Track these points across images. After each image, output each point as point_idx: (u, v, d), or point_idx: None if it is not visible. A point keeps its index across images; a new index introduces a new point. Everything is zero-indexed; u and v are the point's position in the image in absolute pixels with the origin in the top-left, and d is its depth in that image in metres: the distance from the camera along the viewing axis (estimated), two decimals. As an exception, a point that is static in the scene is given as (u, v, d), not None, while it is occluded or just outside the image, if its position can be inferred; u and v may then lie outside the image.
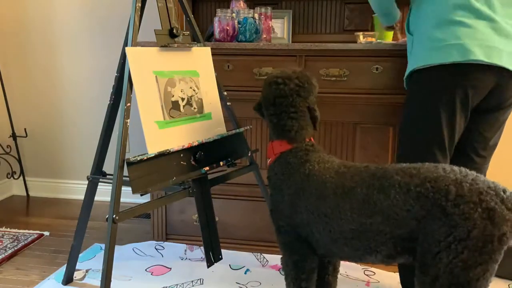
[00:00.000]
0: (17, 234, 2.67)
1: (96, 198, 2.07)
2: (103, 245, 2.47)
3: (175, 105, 1.80)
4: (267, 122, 1.59)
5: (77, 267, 2.17)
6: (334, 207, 1.37)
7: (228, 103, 2.07)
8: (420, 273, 1.29)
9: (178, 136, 1.77)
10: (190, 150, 1.77)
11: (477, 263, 1.21)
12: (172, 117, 1.77)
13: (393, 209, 1.28)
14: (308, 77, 1.55)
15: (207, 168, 1.82)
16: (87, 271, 2.25)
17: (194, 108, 1.89)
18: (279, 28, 2.74)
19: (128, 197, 2.02)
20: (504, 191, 1.23)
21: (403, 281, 1.83)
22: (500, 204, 1.20)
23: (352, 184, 1.37)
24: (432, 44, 1.63)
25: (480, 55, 1.54)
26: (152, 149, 1.65)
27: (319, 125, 1.65)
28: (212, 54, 2.02)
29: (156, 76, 1.74)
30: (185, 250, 2.46)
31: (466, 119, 1.66)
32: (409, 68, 1.75)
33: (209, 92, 1.97)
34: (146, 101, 1.68)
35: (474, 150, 1.76)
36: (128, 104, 1.68)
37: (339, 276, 2.22)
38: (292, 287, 1.56)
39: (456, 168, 1.31)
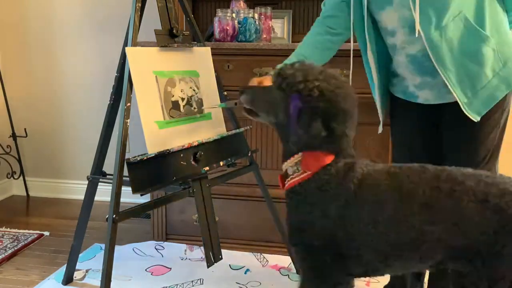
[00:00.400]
0: (17, 234, 2.67)
1: (96, 198, 2.07)
2: (103, 245, 2.47)
3: (175, 105, 1.79)
4: (298, 132, 1.29)
5: (77, 267, 2.17)
6: (392, 213, 1.20)
7: (228, 103, 2.07)
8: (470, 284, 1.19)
9: (178, 136, 1.77)
10: (190, 150, 1.77)
11: None
12: (172, 117, 1.77)
13: (462, 218, 1.15)
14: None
15: (207, 168, 1.82)
16: (87, 271, 2.25)
17: (194, 108, 1.89)
18: (279, 28, 2.74)
19: (128, 197, 2.01)
20: None
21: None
22: None
23: (410, 185, 1.21)
24: None
25: None
26: (152, 149, 1.65)
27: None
28: (212, 54, 2.02)
29: (156, 76, 1.74)
30: (185, 250, 2.46)
31: None
32: (509, 80, 1.53)
33: (209, 92, 1.97)
34: (146, 101, 1.68)
35: None
36: (128, 104, 1.68)
37: (339, 276, 2.21)
38: None
39: None
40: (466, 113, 1.52)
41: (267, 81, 1.51)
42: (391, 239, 1.20)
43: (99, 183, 2.03)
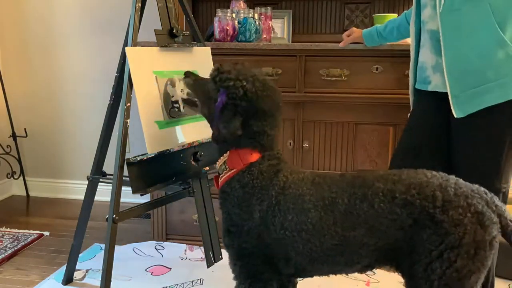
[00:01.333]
0: (17, 234, 2.67)
1: (96, 198, 2.07)
2: (103, 245, 2.47)
3: (175, 105, 1.79)
4: (218, 122, 1.37)
5: (77, 267, 2.17)
6: (315, 222, 1.24)
7: (228, 103, 2.07)
8: (411, 286, 1.23)
9: (178, 136, 1.77)
10: (190, 150, 1.77)
11: (471, 271, 1.15)
12: (172, 117, 1.77)
13: (378, 219, 1.19)
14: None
15: (207, 168, 1.82)
16: (87, 271, 2.25)
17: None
18: (279, 28, 2.74)
19: (128, 197, 2.01)
20: (486, 193, 1.19)
21: None
22: (487, 207, 1.16)
23: (331, 195, 1.25)
24: None
25: None
26: (152, 149, 1.65)
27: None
28: (212, 54, 2.02)
29: (156, 76, 1.74)
30: (185, 250, 2.46)
31: None
32: (507, 91, 1.48)
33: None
34: (146, 101, 1.68)
35: None
36: (128, 104, 1.68)
37: (339, 276, 2.22)
38: None
39: (435, 172, 1.25)
40: (451, 106, 1.50)
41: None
42: (316, 246, 1.25)
43: (99, 183, 2.03)
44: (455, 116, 1.51)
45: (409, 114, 1.80)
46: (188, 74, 1.53)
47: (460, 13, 1.47)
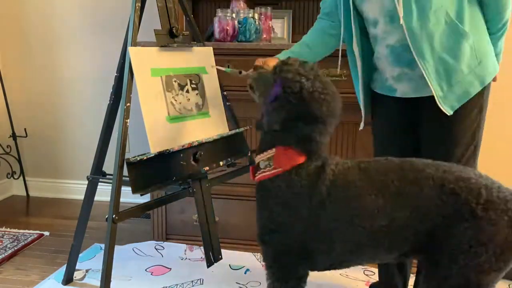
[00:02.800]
0: (17, 234, 2.67)
1: (96, 198, 2.07)
2: (103, 245, 2.47)
3: (178, 104, 1.79)
4: (268, 113, 1.36)
5: (77, 267, 2.17)
6: (366, 205, 1.28)
7: (228, 103, 2.07)
8: (430, 272, 1.28)
9: (181, 134, 1.78)
10: (190, 150, 1.77)
11: (492, 269, 1.20)
12: (175, 115, 1.77)
13: (425, 203, 1.25)
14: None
15: (207, 168, 1.82)
16: (87, 271, 2.25)
17: (198, 106, 1.89)
18: (279, 28, 2.74)
19: (128, 197, 2.01)
20: None
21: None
22: None
23: (381, 177, 1.29)
24: (492, 51, 1.62)
25: None
26: (155, 148, 1.65)
27: None
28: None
29: (159, 75, 1.74)
30: (185, 250, 2.46)
31: None
32: (482, 78, 1.58)
33: (212, 91, 1.97)
34: (149, 101, 1.68)
35: None
36: (128, 104, 1.68)
37: (339, 276, 2.23)
38: None
39: (483, 174, 1.30)
40: (440, 106, 1.56)
41: (271, 62, 1.58)
42: (367, 229, 1.29)
43: (99, 183, 2.03)
44: (447, 113, 1.57)
45: (361, 125, 1.86)
46: (256, 68, 1.53)
47: (426, 22, 1.52)
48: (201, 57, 1.96)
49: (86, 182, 2.02)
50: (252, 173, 1.44)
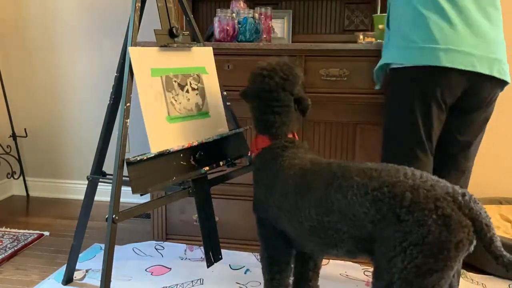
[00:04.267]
0: (17, 234, 2.67)
1: (96, 198, 2.07)
2: (103, 245, 2.47)
3: (178, 104, 1.79)
4: (251, 114, 1.63)
5: (77, 267, 2.17)
6: (294, 203, 1.41)
7: (228, 103, 2.07)
8: (375, 278, 1.28)
9: (180, 134, 1.78)
10: (190, 150, 1.77)
11: (433, 270, 1.18)
12: (175, 115, 1.77)
13: (350, 210, 1.29)
14: (292, 68, 1.57)
15: (207, 168, 1.82)
16: (87, 271, 2.25)
17: (198, 106, 1.89)
18: (279, 28, 2.74)
19: (128, 197, 2.01)
20: (464, 195, 1.21)
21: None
22: (457, 210, 1.18)
23: (311, 182, 1.39)
24: (407, 44, 1.63)
25: (444, 60, 1.56)
26: (155, 147, 1.65)
27: (309, 114, 1.64)
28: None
29: (159, 75, 1.74)
30: (185, 250, 2.46)
31: (442, 119, 1.66)
32: (383, 61, 1.76)
33: (212, 91, 1.98)
34: (149, 100, 1.68)
35: (455, 149, 1.74)
36: (128, 104, 1.68)
37: (338, 276, 2.22)
38: (266, 278, 1.61)
39: (418, 172, 1.28)
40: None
41: None
42: (295, 225, 1.42)
43: (99, 183, 2.03)
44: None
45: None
46: None
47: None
48: (201, 57, 1.96)
49: (86, 182, 2.01)
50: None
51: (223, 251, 2.00)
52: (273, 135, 1.56)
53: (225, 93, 2.07)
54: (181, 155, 1.74)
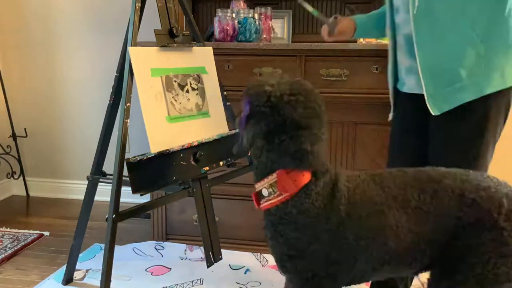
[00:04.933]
0: (17, 234, 2.67)
1: (96, 198, 2.07)
2: (103, 245, 2.46)
3: (178, 104, 1.79)
4: (266, 152, 1.22)
5: (77, 267, 2.17)
6: (389, 222, 1.21)
7: (228, 103, 2.07)
8: (441, 277, 1.24)
9: (180, 134, 1.77)
10: (190, 150, 1.77)
11: (508, 279, 1.18)
12: (175, 115, 1.77)
13: (446, 215, 1.20)
14: (312, 89, 1.28)
15: (207, 168, 1.82)
16: (87, 271, 2.25)
17: (198, 106, 1.89)
18: (279, 28, 2.74)
19: (128, 197, 2.01)
20: None
21: None
22: None
23: (400, 191, 1.23)
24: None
25: None
26: (155, 147, 1.65)
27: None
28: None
29: (159, 75, 1.74)
30: (185, 250, 2.46)
31: None
32: (481, 88, 1.50)
33: (212, 91, 1.98)
34: (149, 100, 1.68)
35: None
36: (128, 104, 1.68)
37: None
38: None
39: (501, 181, 1.26)
40: (427, 104, 1.53)
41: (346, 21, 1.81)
42: (389, 246, 1.22)
43: (99, 183, 2.03)
44: (432, 113, 1.54)
45: (390, 116, 1.82)
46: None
47: (433, 15, 1.49)
48: (201, 57, 1.96)
49: (86, 182, 2.01)
50: (256, 201, 1.32)
51: (223, 251, 1.99)
52: (312, 166, 1.23)
53: (225, 93, 2.07)
54: (181, 155, 1.74)
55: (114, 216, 1.62)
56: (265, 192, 1.26)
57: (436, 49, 1.50)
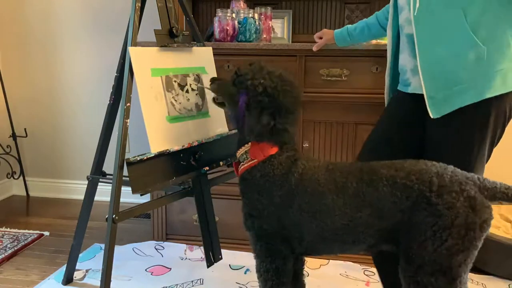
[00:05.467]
0: (17, 234, 2.67)
1: (96, 198, 2.07)
2: (103, 245, 2.47)
3: (178, 104, 1.80)
4: (248, 123, 1.46)
5: (77, 267, 2.17)
6: (328, 203, 1.38)
7: (228, 103, 2.07)
8: (405, 263, 1.33)
9: (181, 134, 1.78)
10: (190, 150, 1.77)
11: (460, 250, 1.25)
12: (175, 115, 1.77)
13: (381, 202, 1.32)
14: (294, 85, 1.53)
15: (207, 168, 1.82)
16: (87, 271, 2.25)
17: (198, 106, 1.89)
18: (279, 28, 2.74)
19: (128, 197, 2.01)
20: (479, 179, 1.30)
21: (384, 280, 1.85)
22: (479, 192, 1.27)
23: (342, 179, 1.39)
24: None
25: None
26: (155, 147, 1.65)
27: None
28: (213, 54, 2.03)
29: (159, 75, 1.74)
30: (185, 250, 2.46)
31: None
32: (482, 91, 1.48)
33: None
34: (149, 100, 1.68)
35: None
36: (128, 104, 1.68)
37: (339, 276, 2.23)
38: None
39: (435, 162, 1.35)
40: (427, 107, 1.53)
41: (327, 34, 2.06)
42: (328, 226, 1.39)
43: (99, 183, 2.03)
44: (432, 116, 1.53)
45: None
46: (212, 80, 1.64)
47: (434, 16, 1.49)
48: (201, 57, 1.96)
49: (86, 182, 2.02)
50: (236, 168, 1.57)
51: (223, 251, 2.00)
52: (284, 143, 1.48)
53: (225, 93, 2.07)
54: (181, 155, 1.74)
55: (114, 216, 1.62)
56: (241, 159, 1.53)
57: (436, 51, 1.50)
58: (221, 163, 1.89)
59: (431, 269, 1.28)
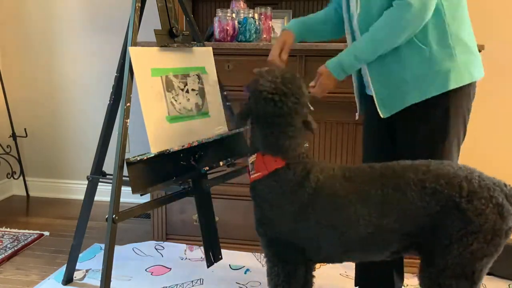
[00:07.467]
0: (17, 234, 2.67)
1: (96, 198, 2.07)
2: (103, 245, 2.47)
3: (178, 104, 1.80)
4: (253, 133, 1.45)
5: (77, 267, 2.17)
6: (350, 214, 1.33)
7: (228, 103, 2.07)
8: (427, 266, 1.33)
9: (180, 134, 1.78)
10: (190, 150, 1.77)
11: (484, 254, 1.26)
12: (175, 115, 1.77)
13: (409, 207, 1.29)
14: (301, 87, 1.41)
15: (207, 168, 1.82)
16: (87, 271, 2.25)
17: (198, 106, 1.89)
18: (279, 28, 2.74)
19: (128, 197, 2.01)
20: (505, 185, 1.29)
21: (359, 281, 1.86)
22: (505, 199, 1.26)
23: (365, 188, 1.34)
24: (476, 57, 1.58)
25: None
26: (155, 147, 1.65)
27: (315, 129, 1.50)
28: (213, 54, 2.03)
29: (159, 75, 1.74)
30: (185, 250, 2.46)
31: None
32: (450, 83, 1.52)
33: (212, 91, 1.98)
34: (149, 100, 1.68)
35: None
36: (128, 104, 1.68)
37: (339, 276, 2.22)
38: None
39: (461, 164, 1.35)
40: (378, 108, 1.58)
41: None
42: (351, 236, 1.35)
43: (99, 183, 2.03)
44: (382, 116, 1.58)
45: (357, 116, 1.85)
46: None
47: (372, 22, 1.52)
48: (201, 57, 1.96)
49: (86, 182, 2.02)
50: (248, 173, 1.51)
51: (223, 251, 2.00)
52: (287, 157, 1.40)
53: (225, 93, 2.07)
54: (181, 155, 1.74)
55: (114, 216, 1.62)
56: (250, 167, 1.47)
57: (380, 55, 1.53)
58: (221, 163, 1.89)
59: (454, 273, 1.28)
